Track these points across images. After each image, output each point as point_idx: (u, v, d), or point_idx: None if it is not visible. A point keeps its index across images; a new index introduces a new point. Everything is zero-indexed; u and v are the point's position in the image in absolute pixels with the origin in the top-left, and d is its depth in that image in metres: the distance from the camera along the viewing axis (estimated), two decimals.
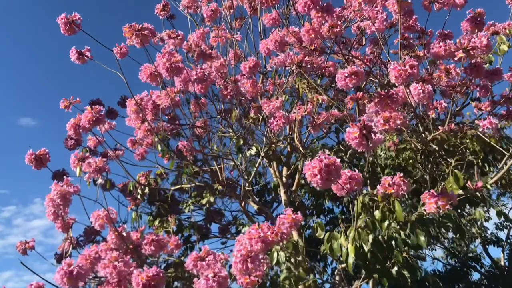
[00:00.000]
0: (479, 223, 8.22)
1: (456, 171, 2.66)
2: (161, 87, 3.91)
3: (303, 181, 5.43)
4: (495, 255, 9.03)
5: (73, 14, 3.45)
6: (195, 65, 3.97)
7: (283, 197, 4.56)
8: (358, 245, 2.67)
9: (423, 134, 3.10)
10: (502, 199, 8.68)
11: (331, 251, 2.88)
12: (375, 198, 2.88)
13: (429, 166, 3.04)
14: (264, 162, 5.08)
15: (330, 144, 5.28)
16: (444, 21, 4.04)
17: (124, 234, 3.39)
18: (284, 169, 4.75)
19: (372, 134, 2.29)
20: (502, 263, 8.58)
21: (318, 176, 2.26)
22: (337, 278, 3.74)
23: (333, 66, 4.23)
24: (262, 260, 2.63)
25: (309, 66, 3.38)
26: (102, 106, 3.50)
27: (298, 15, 5.03)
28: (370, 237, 2.64)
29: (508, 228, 8.73)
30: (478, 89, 4.00)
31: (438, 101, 3.51)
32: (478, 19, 3.96)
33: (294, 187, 4.90)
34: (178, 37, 3.64)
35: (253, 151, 4.07)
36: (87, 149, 4.72)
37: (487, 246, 8.30)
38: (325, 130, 3.90)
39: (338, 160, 2.29)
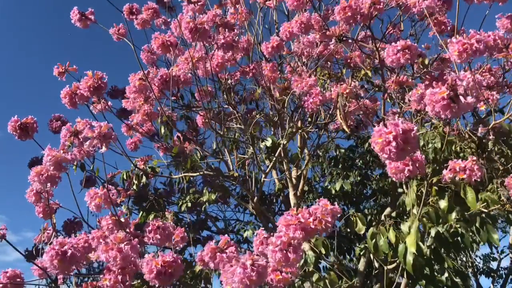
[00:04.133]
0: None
1: None
2: (173, 60, 3.46)
3: (306, 188, 5.02)
4: (486, 286, 8.72)
5: None
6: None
7: (292, 200, 4.10)
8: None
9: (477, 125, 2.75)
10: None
11: (376, 249, 2.44)
12: (429, 189, 2.47)
13: (485, 161, 2.66)
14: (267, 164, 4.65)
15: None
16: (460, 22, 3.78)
17: (122, 219, 2.87)
18: (293, 170, 4.31)
19: (461, 97, 1.89)
20: None
21: (393, 144, 1.83)
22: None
23: (359, 57, 3.88)
24: (301, 253, 2.17)
25: (350, 40, 3.00)
26: None
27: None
28: (433, 230, 2.22)
29: (498, 260, 8.49)
30: None
31: (490, 93, 3.17)
32: None
33: (299, 193, 4.47)
34: (199, 3, 3.21)
35: (268, 142, 3.63)
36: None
37: (478, 276, 7.99)
38: (352, 123, 3.50)
39: (416, 128, 1.88)
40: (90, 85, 3.08)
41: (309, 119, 4.07)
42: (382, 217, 3.79)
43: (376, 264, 4.13)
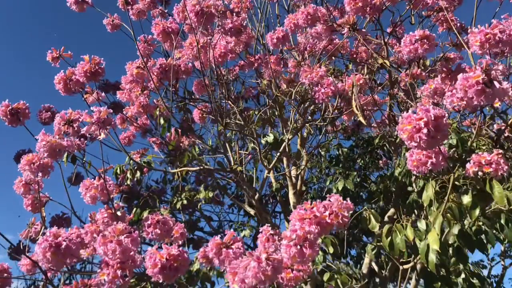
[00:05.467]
0: None
1: None
2: (174, 49, 3.30)
3: (304, 188, 4.88)
4: None
5: None
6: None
7: (291, 199, 3.96)
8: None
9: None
10: None
11: (392, 247, 2.29)
12: (446, 185, 2.34)
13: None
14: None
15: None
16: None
17: (119, 213, 2.69)
18: (293, 169, 4.16)
19: (496, 83, 1.76)
20: None
21: (424, 131, 1.69)
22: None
23: (365, 52, 3.76)
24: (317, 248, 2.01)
25: (364, 30, 2.86)
26: None
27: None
28: (456, 227, 2.08)
29: (489, 267, 8.43)
30: None
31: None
32: None
33: (298, 193, 4.32)
34: None
35: (270, 138, 3.47)
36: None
37: None
38: (357, 119, 3.37)
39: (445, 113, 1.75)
40: (86, 70, 2.91)
41: (309, 118, 3.94)
42: (386, 218, 3.67)
43: (376, 268, 4.00)
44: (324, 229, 2.07)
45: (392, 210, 3.72)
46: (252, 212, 4.28)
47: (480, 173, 2.14)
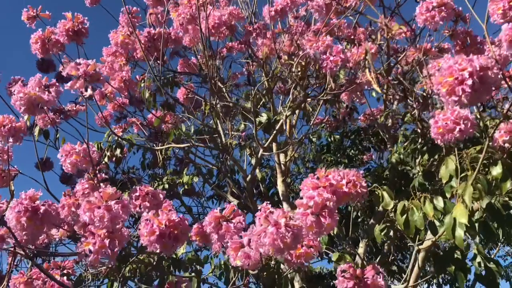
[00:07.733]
0: None
1: None
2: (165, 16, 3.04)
3: (289, 180, 4.68)
4: None
5: None
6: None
7: (280, 187, 3.72)
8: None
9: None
10: None
11: (407, 225, 2.10)
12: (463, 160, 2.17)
13: None
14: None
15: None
16: None
17: (103, 185, 2.40)
18: (282, 155, 3.93)
19: None
20: None
21: (469, 82, 1.50)
22: None
23: (363, 34, 3.60)
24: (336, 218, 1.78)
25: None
26: None
27: None
28: (485, 201, 1.90)
29: None
30: None
31: None
32: None
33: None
34: None
35: (263, 118, 3.25)
36: None
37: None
38: (357, 101, 3.19)
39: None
40: (68, 29, 2.61)
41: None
42: (380, 208, 3.49)
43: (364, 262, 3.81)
44: (340, 199, 1.86)
45: None
46: (235, 202, 4.03)
47: (507, 144, 1.98)
